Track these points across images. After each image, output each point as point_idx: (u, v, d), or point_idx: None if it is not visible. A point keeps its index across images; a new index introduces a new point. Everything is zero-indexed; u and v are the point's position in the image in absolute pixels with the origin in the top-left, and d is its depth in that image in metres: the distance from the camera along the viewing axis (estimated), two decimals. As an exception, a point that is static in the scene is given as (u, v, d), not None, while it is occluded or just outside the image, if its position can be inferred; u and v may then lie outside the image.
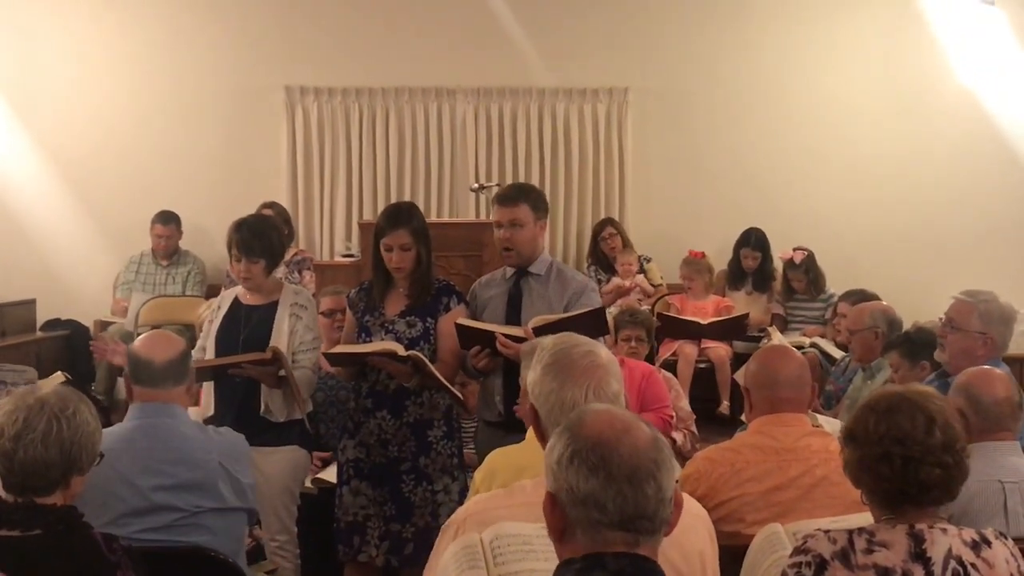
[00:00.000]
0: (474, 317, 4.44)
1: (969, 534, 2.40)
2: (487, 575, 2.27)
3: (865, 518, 2.54)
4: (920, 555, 2.34)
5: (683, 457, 5.25)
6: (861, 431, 2.47)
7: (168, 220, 8.34)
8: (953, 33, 8.80)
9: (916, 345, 4.80)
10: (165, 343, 3.45)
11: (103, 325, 8.28)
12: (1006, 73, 8.80)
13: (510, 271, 4.49)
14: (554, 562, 1.94)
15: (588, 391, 2.58)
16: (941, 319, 4.56)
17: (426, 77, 8.84)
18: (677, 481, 1.98)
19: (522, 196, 4.41)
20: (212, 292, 7.26)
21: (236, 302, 4.60)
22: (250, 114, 8.84)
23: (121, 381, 7.87)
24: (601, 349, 2.71)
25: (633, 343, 5.53)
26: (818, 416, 4.62)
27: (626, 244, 8.41)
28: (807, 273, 8.05)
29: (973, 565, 2.34)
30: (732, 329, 7.72)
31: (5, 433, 2.62)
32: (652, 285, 8.31)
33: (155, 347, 3.41)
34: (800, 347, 6.75)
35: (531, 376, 2.69)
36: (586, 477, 1.87)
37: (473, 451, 4.69)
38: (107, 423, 3.40)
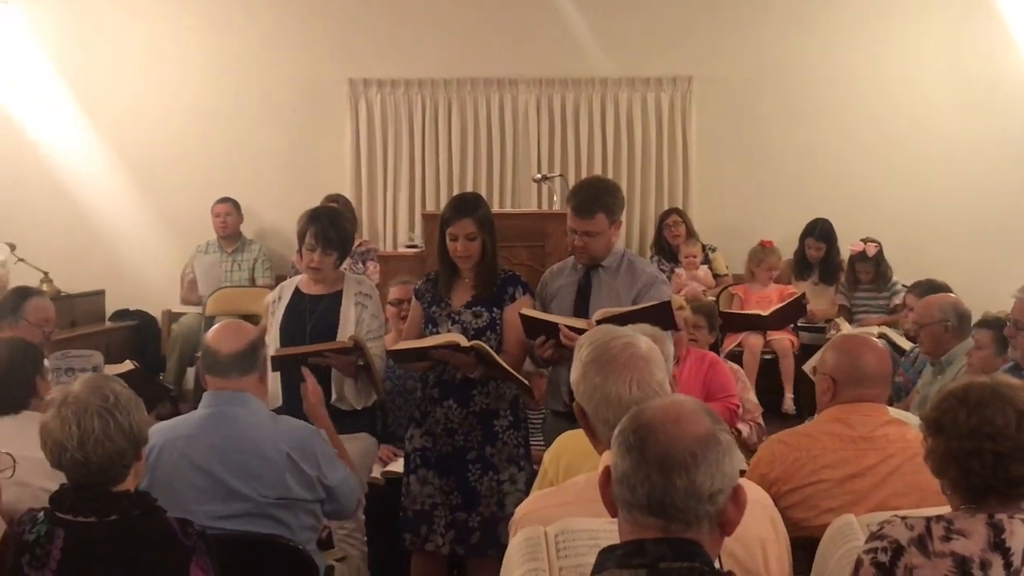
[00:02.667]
0: (542, 307, 4.44)
1: (1051, 525, 2.35)
2: (547, 567, 2.27)
3: (941, 511, 2.50)
4: (999, 545, 2.30)
5: (748, 449, 5.22)
6: (950, 423, 2.42)
7: (225, 200, 8.47)
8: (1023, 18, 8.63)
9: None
10: (234, 334, 3.47)
11: (171, 315, 8.41)
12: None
13: None
14: None
15: (632, 384, 2.58)
16: (1006, 317, 4.50)
17: (488, 68, 8.85)
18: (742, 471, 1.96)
19: (598, 206, 4.33)
20: (280, 282, 7.32)
21: (298, 292, 4.64)
22: (314, 107, 8.90)
23: (190, 371, 8.01)
24: (641, 340, 2.70)
25: (692, 331, 5.48)
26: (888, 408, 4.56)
27: (691, 234, 8.36)
28: (876, 265, 7.96)
29: (1054, 557, 2.29)
30: (793, 313, 7.63)
31: (68, 446, 2.64)
32: (717, 275, 8.25)
33: (223, 338, 3.45)
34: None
35: (573, 374, 2.70)
36: (623, 456, 1.91)
37: (541, 442, 4.68)
38: (176, 412, 3.46)
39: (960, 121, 8.62)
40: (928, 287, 5.99)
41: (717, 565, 1.91)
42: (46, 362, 3.83)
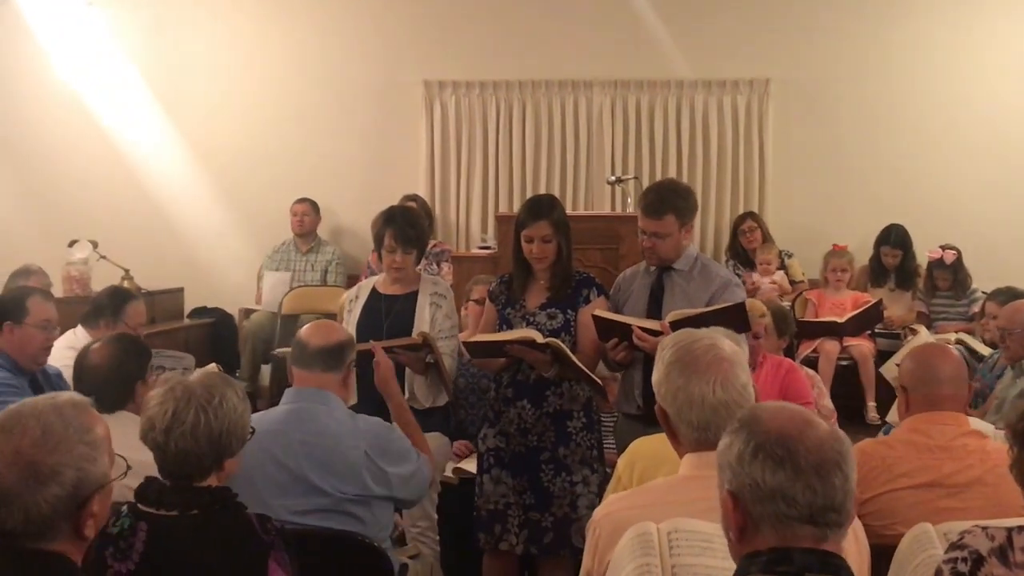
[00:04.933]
0: (616, 309, 4.43)
1: None
2: (660, 563, 2.28)
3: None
4: (1081, 557, 2.26)
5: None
6: None
7: (304, 200, 8.60)
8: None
9: None
10: (325, 331, 3.55)
11: (247, 313, 8.52)
12: None
13: None
14: (731, 562, 1.94)
15: (715, 385, 2.57)
16: None
17: (562, 70, 8.86)
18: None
19: (667, 207, 4.32)
20: (352, 282, 7.40)
21: (374, 292, 4.69)
22: (390, 108, 8.99)
23: (264, 369, 8.11)
24: (724, 342, 2.69)
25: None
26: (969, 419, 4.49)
27: (767, 238, 8.29)
28: (955, 272, 7.83)
29: None
30: (870, 320, 7.55)
31: (156, 426, 2.70)
32: (793, 281, 8.17)
33: (315, 332, 3.52)
34: (945, 343, 6.57)
35: (655, 376, 2.69)
36: (773, 470, 1.86)
37: (613, 445, 4.68)
38: (252, 410, 3.50)
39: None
40: (1010, 294, 5.92)
41: None
42: (151, 367, 3.90)
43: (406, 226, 4.54)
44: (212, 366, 4.97)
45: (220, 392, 2.75)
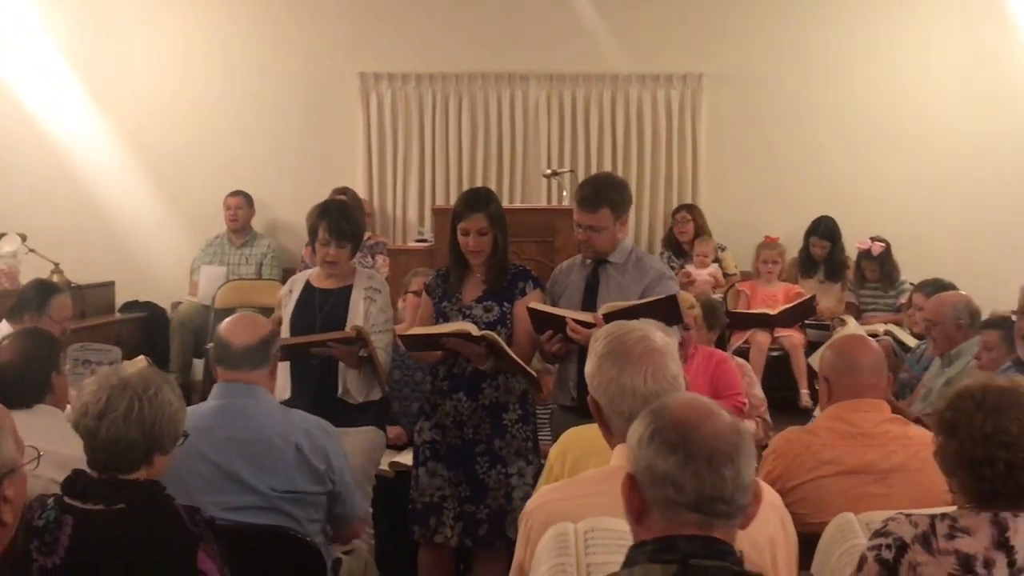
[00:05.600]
0: (552, 302, 4.46)
1: (1054, 523, 2.35)
2: (575, 562, 2.30)
3: (944, 509, 2.51)
4: (1003, 543, 2.31)
5: (756, 445, 5.24)
6: (964, 425, 2.41)
7: (237, 193, 8.52)
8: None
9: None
10: (248, 327, 3.50)
11: (177, 306, 8.43)
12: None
13: None
14: None
15: (646, 375, 2.59)
16: (1013, 313, 4.50)
17: (499, 63, 8.85)
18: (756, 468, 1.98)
19: (603, 200, 4.36)
20: (287, 276, 7.35)
21: (308, 286, 4.66)
22: (326, 101, 8.92)
23: (196, 363, 8.04)
24: (656, 333, 2.71)
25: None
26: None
27: (702, 231, 8.37)
28: (883, 264, 7.96)
29: (1057, 555, 2.30)
30: (802, 314, 7.67)
31: (89, 412, 2.68)
32: (726, 274, 8.26)
33: (237, 331, 3.47)
34: (874, 335, 6.68)
35: (588, 367, 2.71)
36: (665, 455, 1.88)
37: (549, 437, 4.71)
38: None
39: (968, 120, 8.59)
40: (936, 286, 6.01)
41: None
42: (63, 357, 3.84)
43: (341, 219, 4.52)
44: (140, 359, 4.92)
45: (156, 385, 2.74)
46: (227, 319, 3.59)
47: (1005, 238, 8.40)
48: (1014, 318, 4.59)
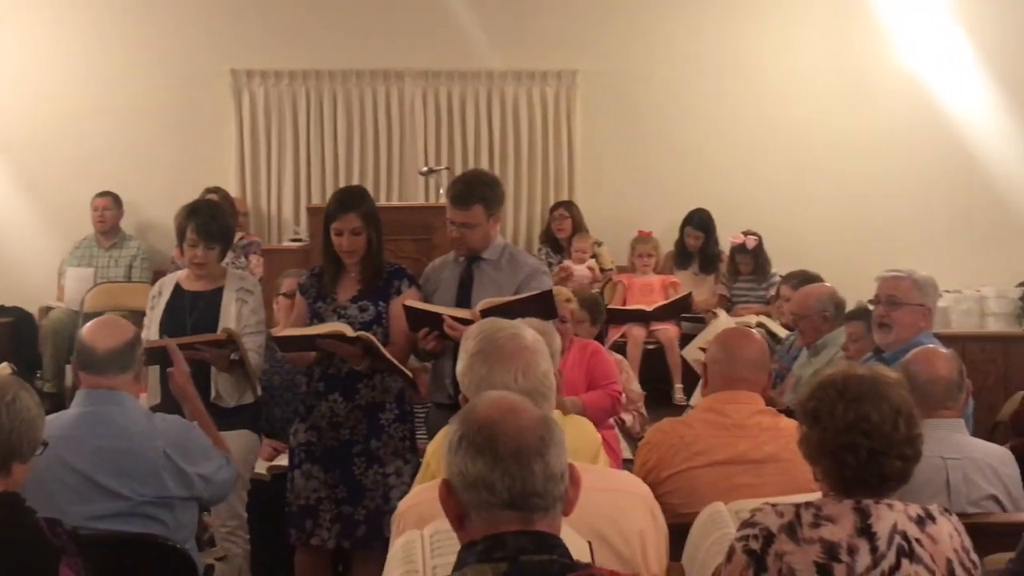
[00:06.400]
0: (426, 300, 4.45)
1: (915, 510, 2.42)
2: (421, 568, 2.30)
3: (812, 498, 2.56)
4: (866, 530, 2.36)
5: (632, 438, 5.30)
6: (826, 414, 2.45)
7: (105, 194, 8.31)
8: (898, 17, 8.86)
9: None
10: (111, 330, 3.40)
11: (48, 312, 8.20)
12: (950, 58, 8.88)
13: None
14: None
15: (517, 374, 2.60)
16: (870, 303, 4.62)
17: (374, 60, 8.80)
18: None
19: (475, 198, 4.36)
20: (158, 278, 7.19)
21: (178, 288, 4.57)
22: (196, 98, 8.74)
23: (69, 368, 7.82)
24: (527, 331, 2.72)
25: (575, 324, 5.49)
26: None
27: (579, 227, 8.43)
28: (756, 257, 8.13)
29: (917, 540, 2.36)
30: (678, 310, 7.80)
31: None
32: (603, 269, 8.34)
33: (100, 334, 3.37)
34: (747, 327, 6.80)
35: (460, 366, 2.71)
36: (474, 458, 1.89)
37: (425, 435, 4.69)
38: (60, 410, 3.38)
39: (836, 116, 8.80)
40: (802, 278, 6.12)
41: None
42: None
43: (209, 220, 4.44)
44: (3, 366, 4.77)
45: (14, 391, 2.66)
46: (89, 323, 3.50)
47: (869, 230, 8.65)
48: (871, 307, 4.70)
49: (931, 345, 3.97)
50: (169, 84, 8.69)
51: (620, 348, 7.21)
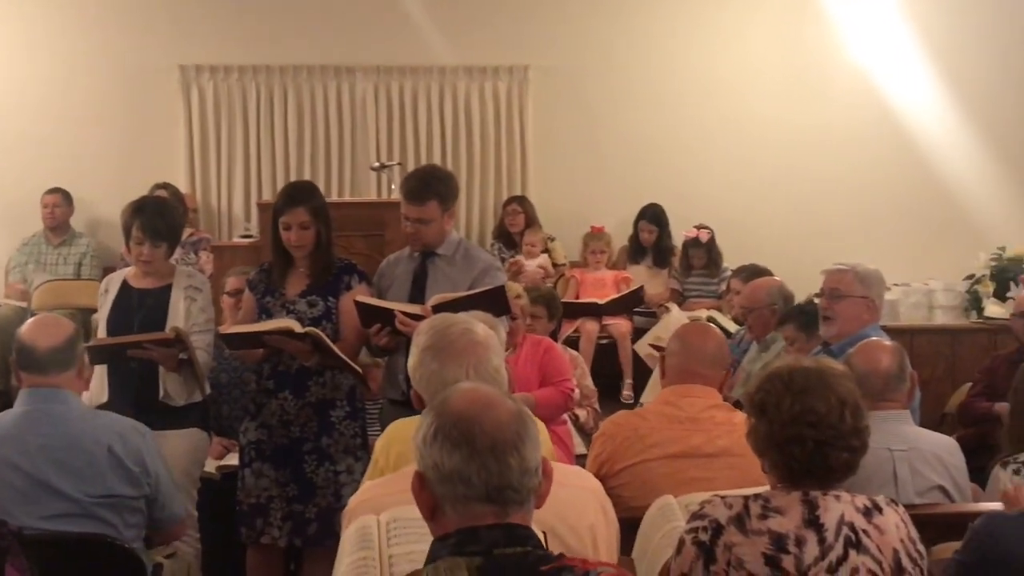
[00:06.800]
0: (379, 295, 4.44)
1: (862, 501, 2.44)
2: (377, 554, 2.28)
3: (762, 490, 2.58)
4: (813, 521, 2.38)
5: (586, 434, 5.31)
6: (773, 407, 2.47)
7: (55, 191, 8.21)
8: (848, 12, 8.94)
9: (811, 317, 4.83)
10: (50, 328, 3.37)
11: (-3, 311, 8.09)
12: (899, 54, 8.96)
13: None
14: None
15: (468, 369, 2.61)
16: (816, 296, 4.66)
17: (325, 55, 8.75)
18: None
19: (430, 193, 4.36)
20: (106, 275, 7.13)
21: (126, 286, 4.52)
22: (145, 94, 8.64)
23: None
24: (478, 326, 2.73)
25: (530, 320, 5.50)
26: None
27: (532, 222, 8.44)
28: (708, 251, 8.17)
29: (864, 531, 2.39)
30: (630, 303, 7.84)
31: None
32: (555, 264, 8.35)
33: (40, 333, 3.34)
34: (697, 321, 6.84)
35: (411, 361, 2.71)
36: (450, 452, 1.88)
37: (379, 432, 4.67)
38: (6, 408, 3.33)
39: (785, 112, 8.85)
40: (752, 271, 6.14)
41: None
42: None
43: (155, 218, 4.40)
44: None
45: None
46: (27, 322, 3.45)
47: (820, 224, 8.72)
48: (816, 301, 4.73)
49: (875, 338, 4.00)
50: (118, 80, 8.60)
51: (573, 343, 7.22)
